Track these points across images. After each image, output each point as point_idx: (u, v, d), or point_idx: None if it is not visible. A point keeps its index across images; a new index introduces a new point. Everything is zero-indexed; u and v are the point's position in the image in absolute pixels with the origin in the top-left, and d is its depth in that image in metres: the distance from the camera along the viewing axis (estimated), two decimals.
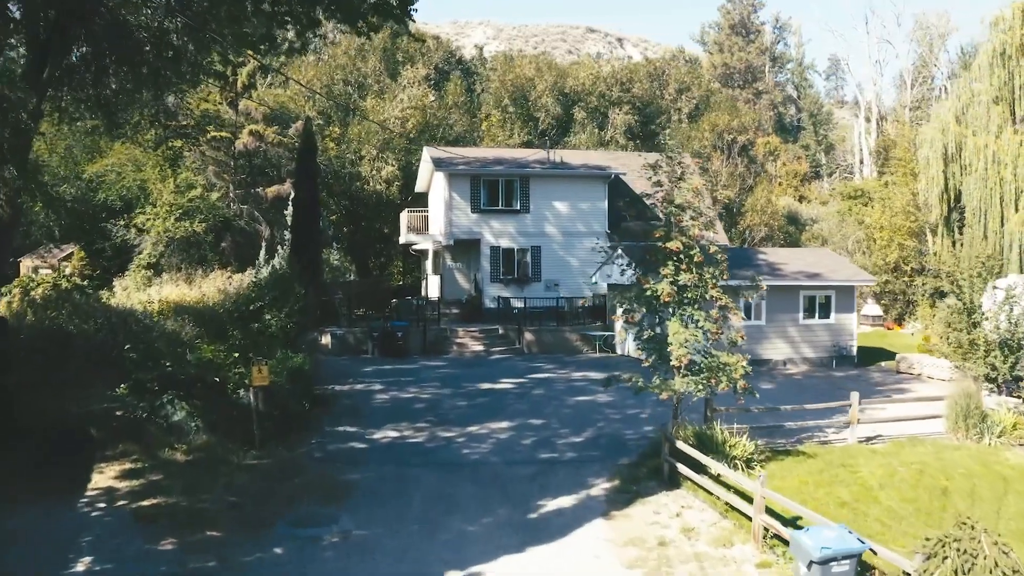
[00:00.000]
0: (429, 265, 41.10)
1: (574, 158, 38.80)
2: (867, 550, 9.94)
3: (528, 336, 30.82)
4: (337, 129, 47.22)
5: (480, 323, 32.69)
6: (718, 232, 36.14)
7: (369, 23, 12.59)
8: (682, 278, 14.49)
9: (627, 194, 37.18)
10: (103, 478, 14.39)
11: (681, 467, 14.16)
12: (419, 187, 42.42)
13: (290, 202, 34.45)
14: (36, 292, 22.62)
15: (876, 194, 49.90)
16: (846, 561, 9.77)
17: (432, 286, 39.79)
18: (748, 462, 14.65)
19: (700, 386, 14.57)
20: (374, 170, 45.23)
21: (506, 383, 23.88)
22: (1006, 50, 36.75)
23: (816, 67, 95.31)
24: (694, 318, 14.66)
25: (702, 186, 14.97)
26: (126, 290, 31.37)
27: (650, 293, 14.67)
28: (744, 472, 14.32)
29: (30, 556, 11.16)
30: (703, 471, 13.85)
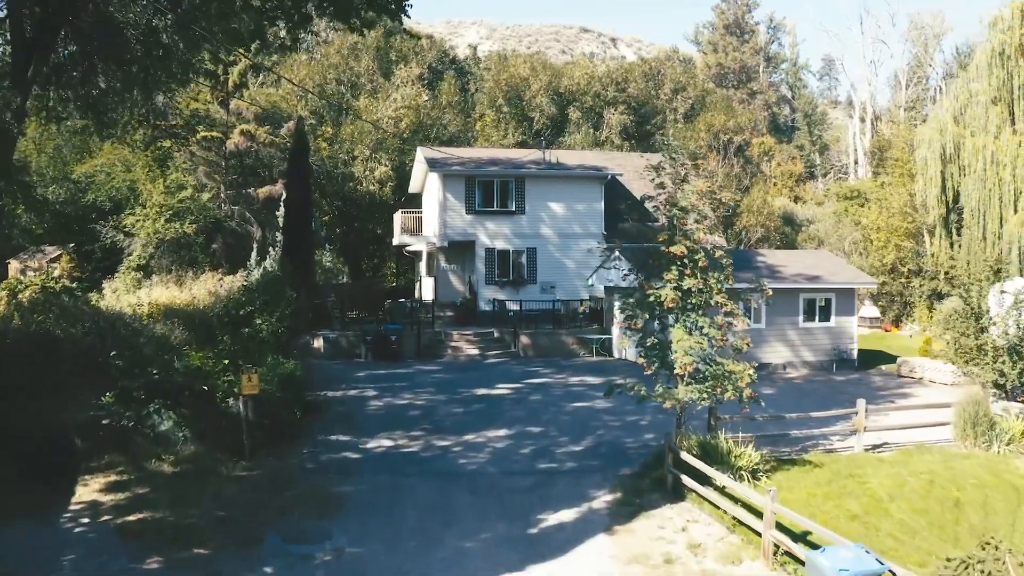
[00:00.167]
0: (423, 267, 40.61)
1: (570, 158, 38.34)
2: (887, 572, 9.51)
3: (524, 339, 30.36)
4: (330, 129, 46.70)
5: (475, 326, 32.21)
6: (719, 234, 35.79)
7: (363, 19, 12.12)
8: (686, 283, 14.05)
9: (624, 195, 36.76)
10: (87, 491, 13.89)
11: (686, 479, 13.73)
12: (413, 188, 41.94)
13: (282, 203, 33.95)
14: (24, 295, 22.05)
15: (872, 195, 49.62)
16: None
17: (426, 288, 39.29)
18: (754, 472, 14.23)
19: (705, 395, 14.13)
20: (367, 170, 44.72)
21: (502, 388, 23.41)
22: (1005, 50, 36.52)
23: (810, 67, 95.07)
24: (698, 324, 14.22)
25: (707, 188, 14.46)
26: (116, 292, 30.77)
27: (653, 299, 14.23)
28: (750, 483, 13.90)
29: None
30: (708, 483, 13.42)
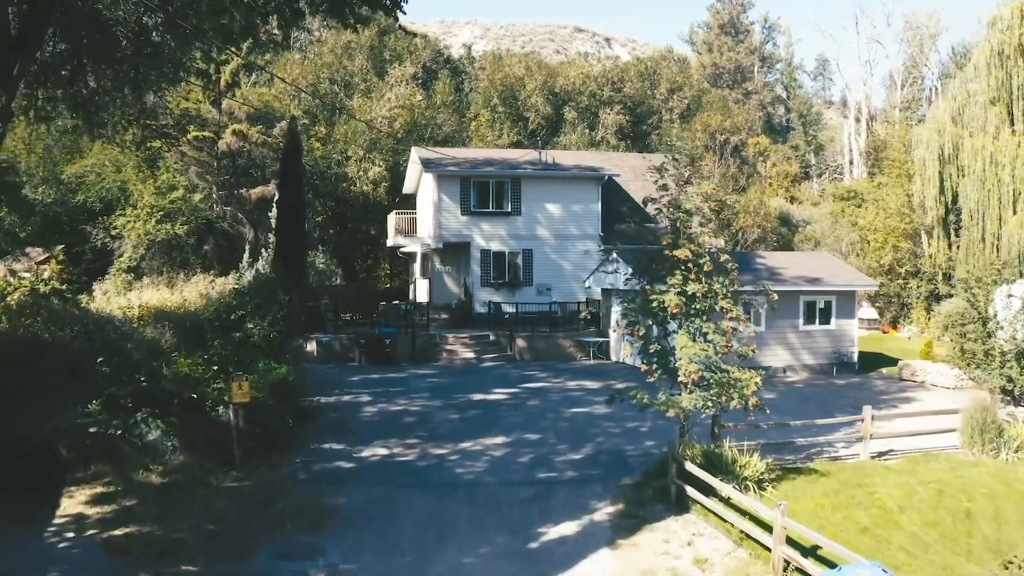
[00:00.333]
0: (417, 268, 40.16)
1: (566, 159, 37.93)
2: None
3: (520, 342, 29.94)
4: (323, 129, 46.21)
5: (470, 329, 31.78)
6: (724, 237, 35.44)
7: (357, 15, 11.69)
8: (690, 288, 13.65)
9: (621, 196, 36.38)
10: (73, 503, 13.43)
11: (690, 490, 13.34)
12: (407, 188, 41.49)
13: (274, 204, 33.47)
14: (12, 298, 21.54)
15: (869, 195, 49.32)
16: None
17: (421, 290, 38.85)
18: (759, 483, 13.85)
19: (710, 403, 13.72)
20: (361, 171, 44.25)
21: (499, 393, 22.99)
22: (1004, 50, 36.20)
23: (805, 67, 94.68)
24: (703, 330, 13.82)
25: (712, 190, 14.06)
26: (106, 295, 30.32)
27: (656, 304, 13.82)
28: (756, 494, 13.53)
29: None
30: (713, 494, 13.04)
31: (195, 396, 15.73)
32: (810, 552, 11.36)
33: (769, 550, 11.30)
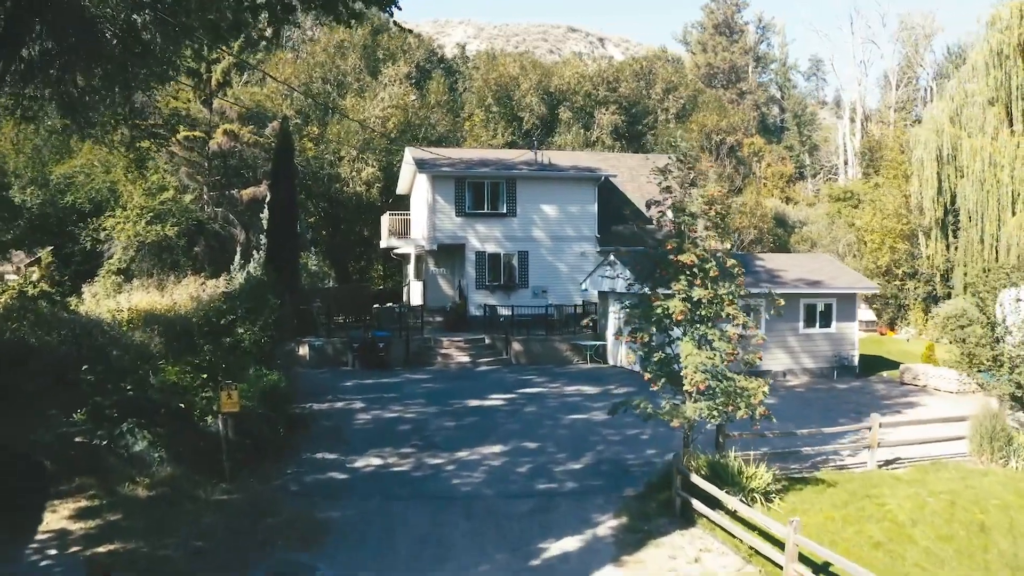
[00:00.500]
0: (411, 270, 39.65)
1: (562, 159, 37.50)
2: None
3: (516, 346, 29.48)
4: (315, 129, 45.66)
5: (465, 332, 31.30)
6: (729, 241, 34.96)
7: (350, 10, 11.22)
8: (696, 294, 13.20)
9: (618, 197, 35.97)
10: (56, 518, 12.90)
11: (695, 502, 12.90)
12: (401, 189, 41.02)
13: (266, 205, 32.95)
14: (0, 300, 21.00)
15: (866, 196, 49.02)
16: None
17: (415, 292, 38.35)
18: (767, 494, 13.42)
19: (715, 413, 13.28)
20: (354, 171, 43.73)
21: (495, 399, 22.52)
22: (1003, 50, 35.92)
23: (799, 67, 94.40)
24: (708, 338, 13.38)
25: (719, 193, 13.61)
26: (95, 297, 29.75)
27: (660, 311, 13.37)
28: (763, 506, 13.10)
29: None
30: (719, 507, 12.60)
31: (183, 405, 15.22)
32: (822, 569, 10.94)
33: (780, 567, 10.88)
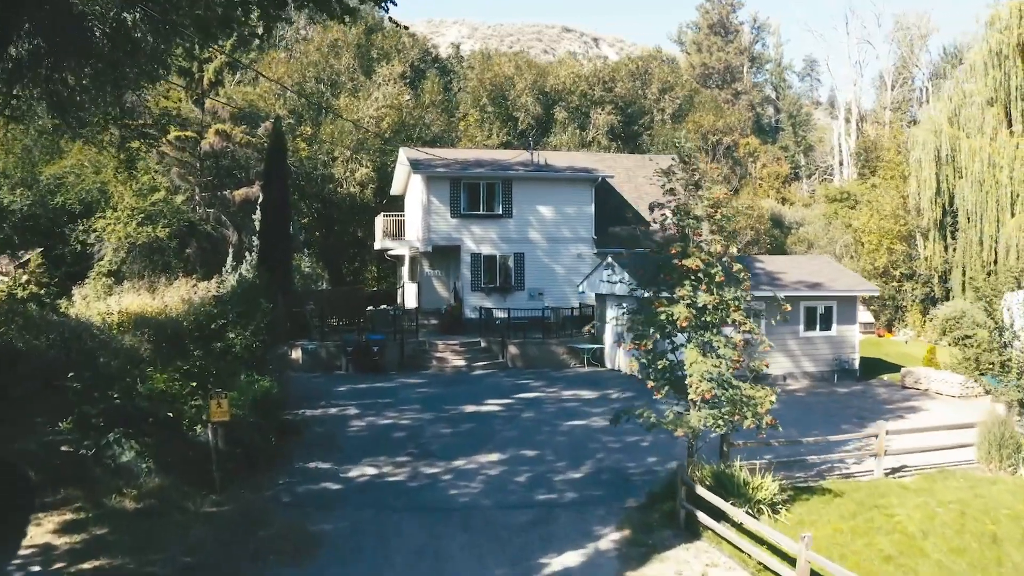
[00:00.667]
0: (406, 272, 39.21)
1: (558, 160, 37.09)
2: None
3: (512, 349, 29.07)
4: (309, 129, 45.16)
5: (461, 335, 30.87)
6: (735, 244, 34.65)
7: (344, 6, 10.80)
8: (701, 299, 12.82)
9: (615, 198, 35.62)
10: (40, 532, 12.46)
11: (700, 515, 12.52)
12: (395, 190, 40.57)
13: (259, 205, 32.51)
14: None
15: (863, 197, 48.74)
16: None
17: (409, 294, 37.91)
18: (773, 505, 13.06)
19: (720, 422, 12.91)
20: (347, 172, 43.28)
21: (492, 404, 22.10)
22: (1002, 50, 35.68)
23: (794, 68, 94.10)
24: (713, 344, 13.00)
25: (724, 195, 13.24)
26: (86, 299, 29.28)
27: (664, 317, 12.99)
28: (770, 518, 12.74)
29: None
30: (725, 519, 12.23)
31: (171, 414, 14.78)
32: None
33: None
